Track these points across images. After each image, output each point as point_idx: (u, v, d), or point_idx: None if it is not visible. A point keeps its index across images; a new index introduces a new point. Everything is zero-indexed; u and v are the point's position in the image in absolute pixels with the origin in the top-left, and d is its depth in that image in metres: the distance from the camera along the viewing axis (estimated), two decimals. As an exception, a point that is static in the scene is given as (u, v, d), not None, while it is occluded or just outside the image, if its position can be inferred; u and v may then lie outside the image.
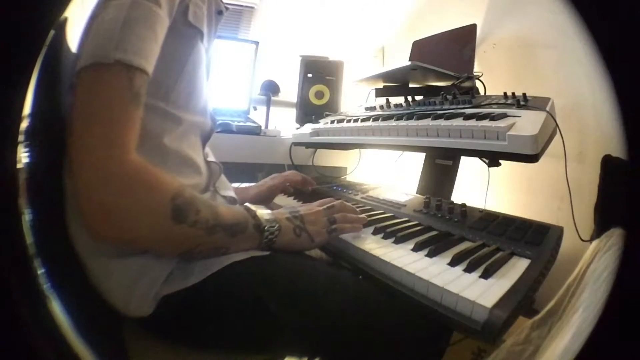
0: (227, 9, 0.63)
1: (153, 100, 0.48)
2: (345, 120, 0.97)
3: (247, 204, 0.55)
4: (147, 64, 0.42)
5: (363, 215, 0.62)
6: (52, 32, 0.35)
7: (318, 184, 0.94)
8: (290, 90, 1.38)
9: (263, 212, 0.52)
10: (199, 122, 0.57)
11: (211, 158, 0.61)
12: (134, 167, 0.40)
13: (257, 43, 1.30)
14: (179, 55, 0.51)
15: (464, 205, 0.67)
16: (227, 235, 0.47)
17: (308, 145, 1.09)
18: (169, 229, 0.42)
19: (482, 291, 0.40)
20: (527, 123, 0.59)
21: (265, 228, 0.50)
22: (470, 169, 0.87)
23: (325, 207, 0.58)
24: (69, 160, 0.39)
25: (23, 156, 0.35)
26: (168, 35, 0.47)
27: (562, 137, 0.64)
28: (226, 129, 1.07)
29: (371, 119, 0.87)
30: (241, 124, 1.13)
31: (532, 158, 0.54)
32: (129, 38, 0.41)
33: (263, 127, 1.19)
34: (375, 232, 0.59)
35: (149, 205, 0.41)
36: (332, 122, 1.02)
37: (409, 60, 1.16)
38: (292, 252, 0.54)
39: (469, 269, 0.46)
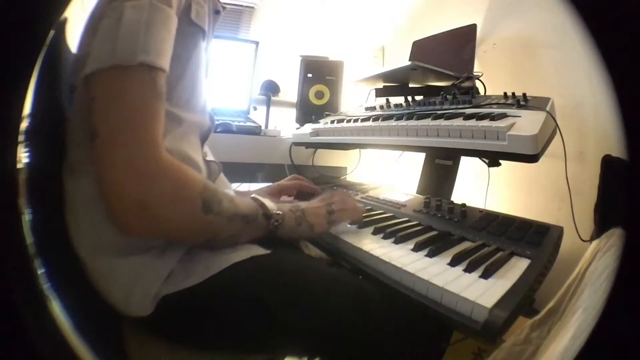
0: (224, 8, 0.63)
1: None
2: (345, 120, 0.97)
3: (254, 195, 0.57)
4: (166, 63, 0.44)
5: (361, 205, 0.64)
6: (52, 32, 0.35)
7: (318, 184, 0.94)
8: (290, 90, 1.38)
9: (268, 201, 0.54)
10: (198, 122, 0.57)
11: (210, 157, 0.61)
12: (167, 164, 0.42)
13: (257, 43, 1.30)
14: (182, 54, 0.51)
15: (464, 205, 0.67)
16: (243, 223, 0.49)
17: (308, 145, 1.09)
18: (199, 219, 0.44)
19: (482, 291, 0.40)
20: (527, 123, 0.59)
21: (273, 215, 0.52)
22: (470, 169, 0.87)
23: (325, 202, 0.61)
24: (95, 163, 0.40)
25: (23, 156, 0.35)
26: None
27: (562, 137, 0.64)
28: (226, 129, 1.07)
29: (371, 119, 0.87)
30: (241, 124, 1.13)
31: (532, 158, 0.54)
32: (152, 40, 0.42)
33: (263, 127, 1.19)
34: (375, 232, 0.59)
35: (183, 198, 0.43)
36: (332, 122, 1.02)
37: (409, 60, 1.16)
38: (294, 240, 0.56)
39: (469, 269, 0.46)
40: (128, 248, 0.46)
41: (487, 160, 0.68)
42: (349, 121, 0.94)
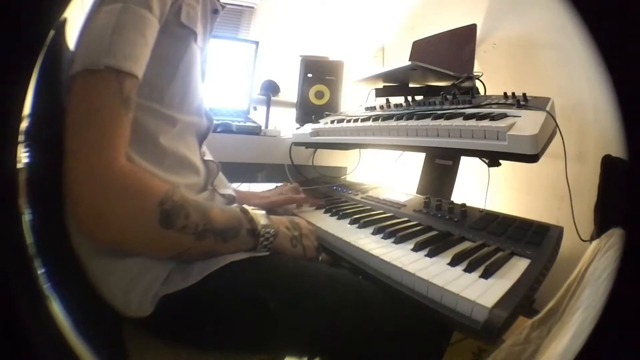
0: (223, 7, 0.63)
1: (147, 101, 0.48)
2: (345, 120, 0.97)
3: (244, 205, 0.55)
4: (137, 68, 0.43)
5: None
6: (52, 32, 0.35)
7: (318, 184, 0.94)
8: (290, 90, 1.38)
9: (260, 216, 0.52)
10: (194, 122, 0.57)
11: (208, 157, 0.61)
12: (122, 172, 0.40)
13: (257, 43, 1.30)
14: (172, 56, 0.51)
15: (464, 205, 0.67)
16: (219, 240, 0.47)
17: (308, 145, 1.09)
18: (157, 233, 0.42)
19: (482, 291, 0.40)
20: (527, 123, 0.59)
21: (261, 233, 0.50)
22: (470, 169, 0.87)
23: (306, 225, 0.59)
24: (63, 164, 0.40)
25: (23, 156, 0.35)
26: (161, 37, 0.47)
27: (562, 137, 0.64)
28: (226, 129, 1.07)
29: (371, 119, 0.87)
30: (241, 124, 1.13)
31: (532, 158, 0.54)
32: (119, 43, 0.41)
33: (263, 127, 1.19)
34: (375, 232, 0.59)
35: (136, 209, 0.41)
36: (332, 122, 1.02)
37: (409, 60, 1.16)
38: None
39: (469, 269, 0.46)
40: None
41: (487, 160, 0.68)
42: (349, 121, 0.94)
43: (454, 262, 0.47)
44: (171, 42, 0.50)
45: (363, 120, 0.89)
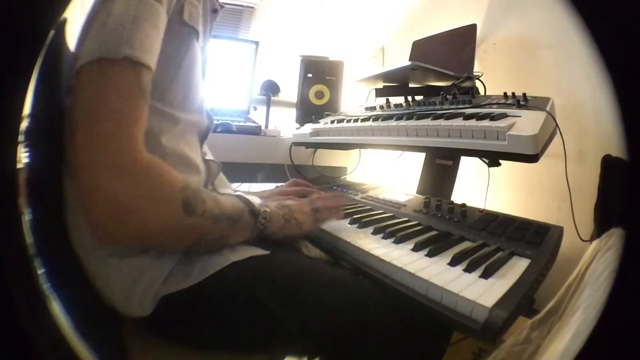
0: (222, 7, 0.63)
1: (150, 100, 0.48)
2: (345, 120, 0.97)
3: (239, 193, 0.56)
4: (152, 61, 0.43)
5: (340, 202, 0.65)
6: (52, 32, 0.35)
7: (318, 184, 0.94)
8: (290, 90, 1.38)
9: (253, 198, 0.53)
10: (195, 121, 0.57)
11: (209, 157, 0.61)
12: (146, 162, 0.40)
13: (257, 43, 1.30)
14: (175, 55, 0.51)
15: (464, 205, 0.67)
16: (229, 224, 0.47)
17: (308, 145, 1.09)
18: (182, 221, 0.42)
19: (482, 291, 0.40)
20: (527, 123, 0.59)
21: (260, 212, 0.51)
22: (470, 169, 0.87)
23: (308, 200, 0.62)
24: (74, 159, 0.38)
25: (23, 156, 0.35)
26: (165, 35, 0.47)
27: (562, 137, 0.64)
28: (226, 129, 1.07)
29: (371, 119, 0.87)
30: (241, 124, 1.13)
31: (532, 158, 0.54)
32: (137, 35, 0.41)
33: (263, 127, 1.19)
34: (375, 232, 0.59)
35: (162, 198, 0.41)
36: (332, 122, 1.02)
37: (409, 60, 1.16)
38: (283, 239, 0.55)
39: (469, 269, 0.46)
40: (127, 249, 0.46)
41: (487, 160, 0.68)
42: (349, 121, 0.94)
43: (453, 262, 0.47)
44: (174, 41, 0.50)
45: (363, 120, 0.89)
